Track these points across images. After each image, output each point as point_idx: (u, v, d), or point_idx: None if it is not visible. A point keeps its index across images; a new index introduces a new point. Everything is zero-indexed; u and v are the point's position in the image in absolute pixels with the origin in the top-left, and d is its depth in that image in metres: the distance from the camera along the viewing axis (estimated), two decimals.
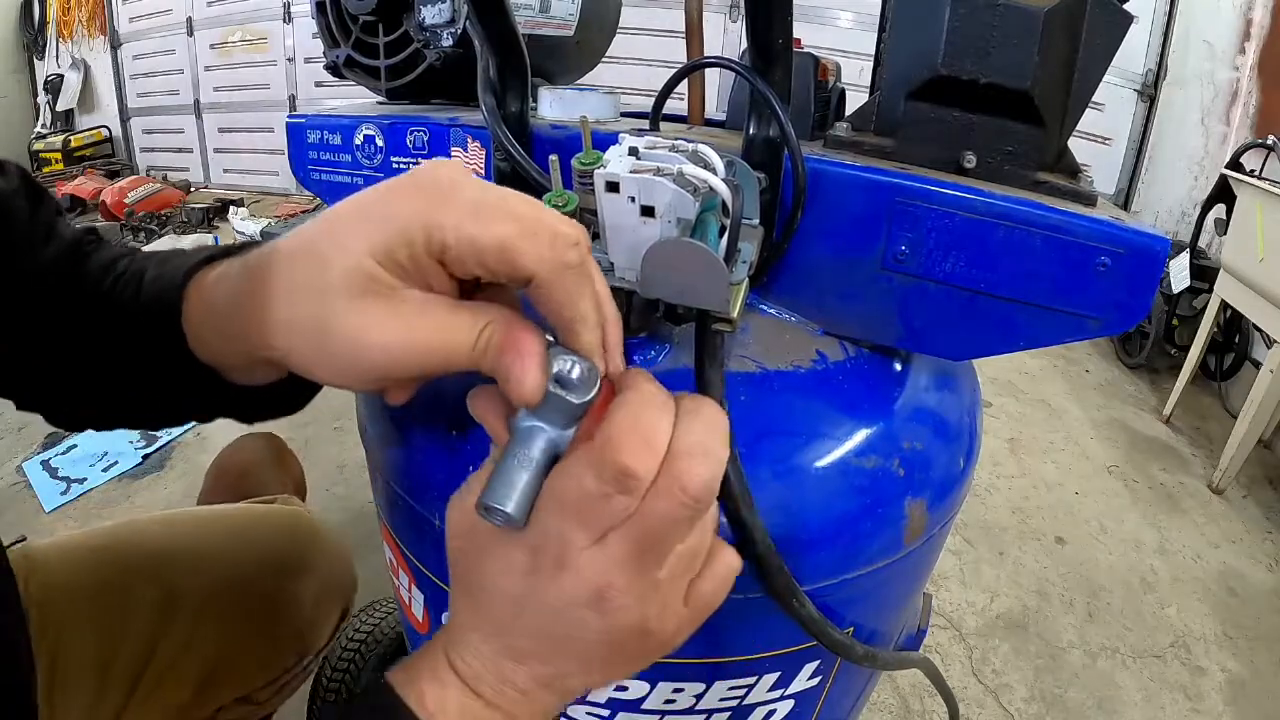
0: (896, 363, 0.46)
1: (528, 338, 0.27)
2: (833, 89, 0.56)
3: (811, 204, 0.41)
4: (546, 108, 0.52)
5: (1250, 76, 2.63)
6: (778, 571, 0.36)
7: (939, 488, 0.44)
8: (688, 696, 0.45)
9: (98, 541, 0.66)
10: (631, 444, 0.26)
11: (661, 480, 0.26)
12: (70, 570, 0.62)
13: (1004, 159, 0.41)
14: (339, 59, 0.65)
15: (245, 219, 3.15)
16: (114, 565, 0.64)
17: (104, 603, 0.61)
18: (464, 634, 0.30)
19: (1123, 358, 2.61)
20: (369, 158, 0.55)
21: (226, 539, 0.72)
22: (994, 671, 1.27)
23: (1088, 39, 0.40)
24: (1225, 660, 1.34)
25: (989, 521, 1.68)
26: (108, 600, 0.62)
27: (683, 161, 0.32)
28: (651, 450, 0.26)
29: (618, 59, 3.31)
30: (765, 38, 0.36)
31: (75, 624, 0.59)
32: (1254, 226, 1.72)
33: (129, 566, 0.64)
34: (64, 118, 4.87)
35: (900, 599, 0.51)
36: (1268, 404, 1.70)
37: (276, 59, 4.23)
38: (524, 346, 0.27)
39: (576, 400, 0.28)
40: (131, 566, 0.64)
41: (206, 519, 0.76)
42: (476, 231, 0.26)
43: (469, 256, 0.26)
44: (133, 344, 0.37)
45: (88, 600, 0.61)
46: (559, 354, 0.28)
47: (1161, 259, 0.36)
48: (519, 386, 0.27)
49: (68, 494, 1.62)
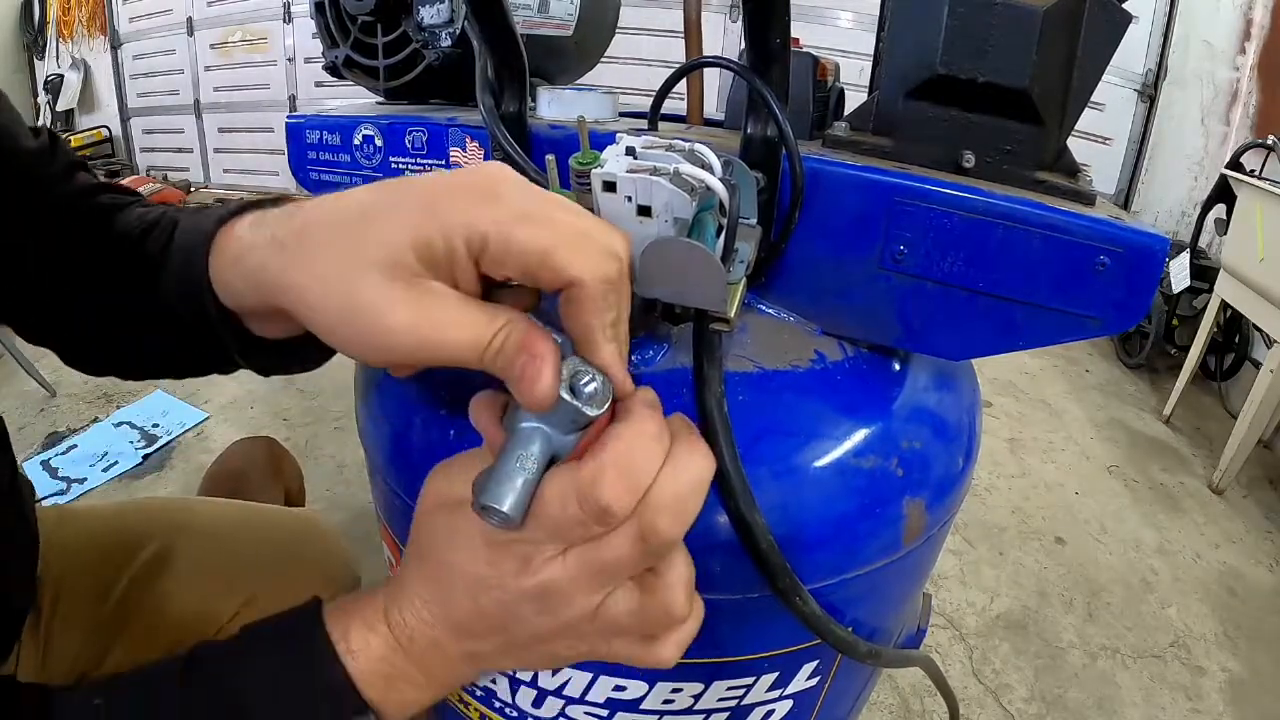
0: (895, 362, 0.46)
1: (545, 342, 0.28)
2: (832, 89, 0.56)
3: (809, 203, 0.40)
4: (545, 108, 0.52)
5: (1250, 76, 2.63)
6: (781, 570, 0.36)
7: (938, 487, 0.44)
8: (686, 696, 0.45)
9: (117, 506, 0.74)
10: (616, 486, 0.27)
11: (628, 525, 0.28)
12: (90, 521, 0.69)
13: (1003, 158, 0.41)
14: (338, 59, 0.65)
15: None
16: (124, 521, 0.71)
17: (109, 547, 0.67)
18: (408, 595, 0.32)
19: (1123, 358, 2.61)
20: (368, 158, 0.55)
21: (234, 523, 0.77)
22: (994, 671, 1.27)
23: (1087, 38, 0.40)
24: (1225, 660, 1.34)
25: (989, 521, 1.68)
26: (112, 546, 0.67)
27: (680, 161, 0.32)
28: (633, 493, 0.27)
29: (617, 59, 3.31)
30: (763, 37, 0.36)
31: (80, 566, 0.64)
32: (1254, 226, 1.71)
33: (136, 526, 0.70)
34: (64, 118, 4.87)
35: (899, 599, 0.51)
36: (1268, 404, 1.70)
37: (276, 59, 4.23)
38: (540, 349, 0.27)
39: (591, 412, 0.28)
40: (139, 525, 0.70)
41: (221, 504, 0.82)
42: (522, 237, 0.26)
43: (510, 260, 0.27)
44: (160, 290, 0.39)
45: (96, 548, 0.66)
46: (576, 364, 0.29)
47: (1161, 259, 0.36)
48: (531, 388, 0.27)
49: (68, 494, 1.62)
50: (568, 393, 0.28)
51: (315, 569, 0.76)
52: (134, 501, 0.77)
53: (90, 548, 0.66)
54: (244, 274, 0.33)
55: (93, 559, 0.65)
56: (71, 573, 0.64)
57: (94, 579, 0.65)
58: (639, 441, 0.28)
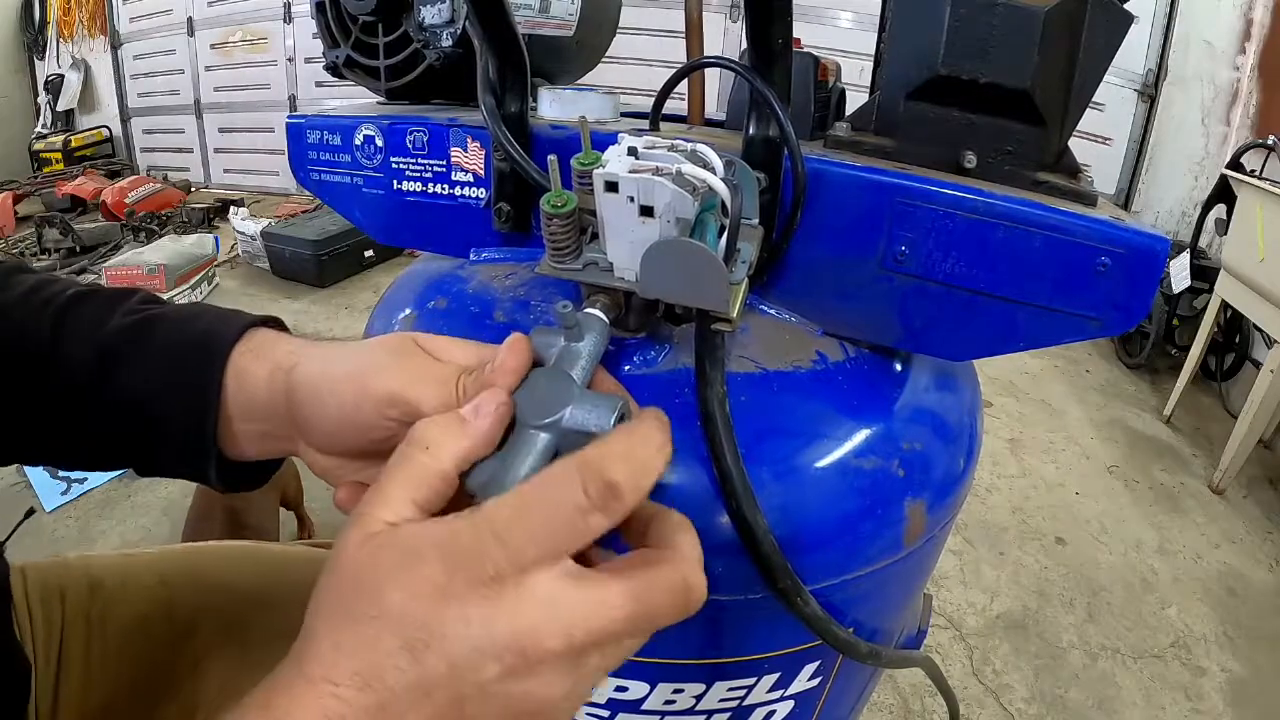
0: (896, 363, 0.46)
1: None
2: (833, 89, 0.56)
3: (811, 204, 0.40)
4: (546, 108, 0.52)
5: (1251, 76, 2.63)
6: (782, 571, 0.36)
7: (939, 488, 0.44)
8: (688, 697, 0.45)
9: (156, 568, 0.60)
10: (623, 468, 0.25)
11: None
12: (129, 597, 0.57)
13: (1004, 159, 0.41)
14: (339, 59, 0.65)
15: (245, 219, 3.14)
16: (168, 602, 0.58)
17: (148, 640, 0.56)
18: (306, 684, 0.23)
19: (1123, 358, 2.61)
20: (369, 158, 0.55)
21: (288, 584, 0.63)
22: (994, 672, 1.27)
23: (1088, 39, 0.40)
24: (1226, 660, 1.34)
25: (989, 521, 1.68)
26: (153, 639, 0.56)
27: (681, 161, 0.32)
28: (642, 476, 0.26)
29: (618, 59, 3.30)
30: (765, 37, 0.36)
31: (119, 650, 0.54)
32: (1254, 227, 1.71)
33: (184, 603, 0.58)
34: (64, 118, 4.87)
35: (900, 599, 0.51)
36: (1268, 404, 1.70)
37: (277, 59, 4.23)
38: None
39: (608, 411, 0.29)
40: (186, 604, 0.58)
41: (264, 559, 0.67)
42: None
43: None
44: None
45: (140, 632, 0.55)
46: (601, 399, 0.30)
47: (1162, 259, 0.36)
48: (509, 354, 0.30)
49: (68, 494, 1.62)
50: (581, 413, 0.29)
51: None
52: (173, 564, 0.61)
53: (138, 629, 0.55)
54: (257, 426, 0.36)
55: (140, 641, 0.55)
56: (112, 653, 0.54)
57: (135, 659, 0.54)
58: (645, 435, 0.27)
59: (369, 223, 0.58)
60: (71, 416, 0.37)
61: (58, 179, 4.13)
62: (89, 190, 3.87)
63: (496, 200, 0.50)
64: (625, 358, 0.41)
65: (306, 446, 0.36)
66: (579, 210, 0.34)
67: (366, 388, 0.32)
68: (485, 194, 0.51)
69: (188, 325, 0.38)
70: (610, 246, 0.34)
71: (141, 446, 0.38)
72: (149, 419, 0.36)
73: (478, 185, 0.51)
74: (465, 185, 0.52)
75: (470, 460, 0.28)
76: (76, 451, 0.39)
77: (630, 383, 0.37)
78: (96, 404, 0.37)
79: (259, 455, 0.38)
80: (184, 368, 0.36)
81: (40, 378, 0.37)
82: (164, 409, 0.36)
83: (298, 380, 0.34)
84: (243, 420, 0.36)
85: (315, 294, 2.90)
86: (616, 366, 0.41)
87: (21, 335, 0.37)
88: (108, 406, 0.37)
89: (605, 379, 0.34)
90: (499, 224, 0.50)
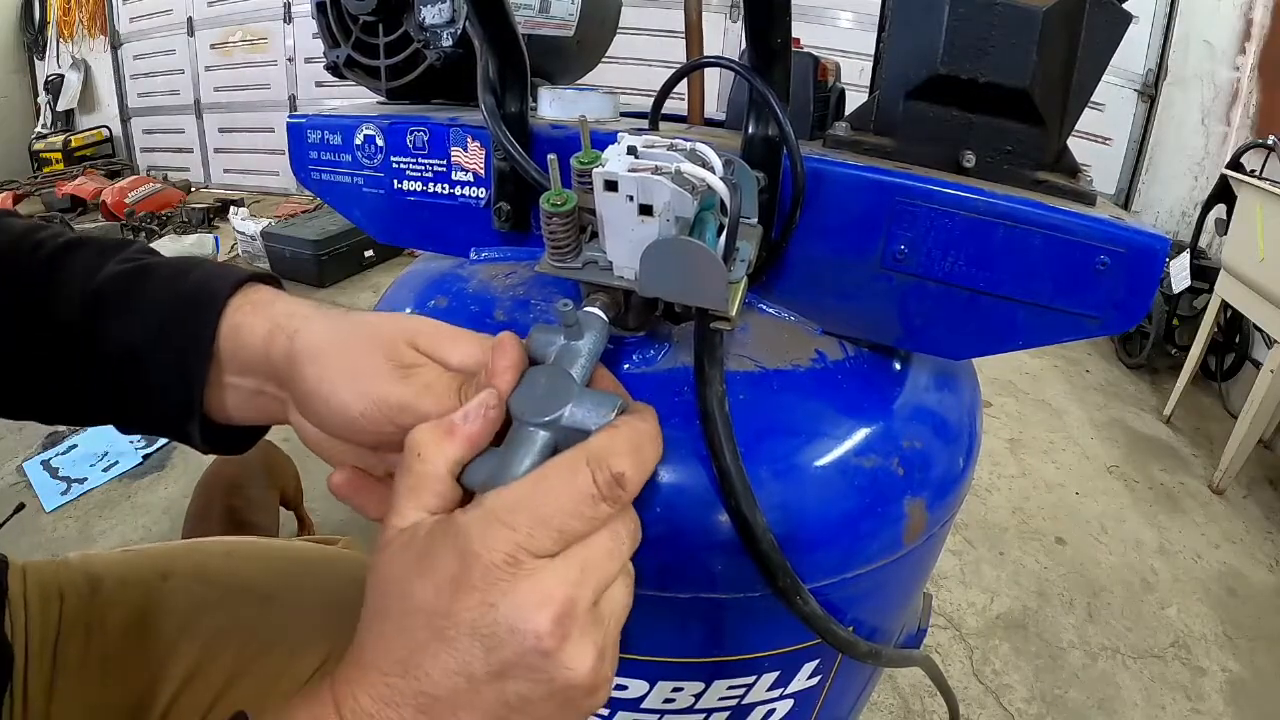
0: (896, 362, 0.46)
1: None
2: (832, 89, 0.56)
3: (810, 203, 0.41)
4: (546, 107, 0.52)
5: (1250, 76, 2.63)
6: (781, 569, 0.36)
7: (938, 487, 0.44)
8: (687, 696, 0.45)
9: (158, 565, 0.59)
10: (628, 458, 0.27)
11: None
12: (130, 594, 0.56)
13: (1003, 158, 0.41)
14: (339, 59, 0.65)
15: (245, 219, 3.15)
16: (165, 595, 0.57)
17: (147, 637, 0.55)
18: (367, 672, 0.26)
19: (1123, 358, 2.61)
20: (369, 158, 0.55)
21: (290, 578, 0.63)
22: (994, 671, 1.27)
23: (1087, 38, 0.40)
24: (1226, 660, 1.34)
25: (989, 521, 1.68)
26: (151, 636, 0.55)
27: (681, 160, 0.32)
28: (643, 469, 0.28)
29: (618, 59, 3.31)
30: (765, 37, 0.36)
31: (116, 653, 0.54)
32: (1254, 227, 1.71)
33: (178, 605, 0.57)
34: (64, 118, 4.87)
35: (900, 598, 0.51)
36: (1268, 404, 1.70)
37: (277, 59, 4.23)
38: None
39: (606, 408, 0.29)
40: (181, 604, 0.57)
41: (268, 554, 0.66)
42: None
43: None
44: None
45: (139, 631, 0.55)
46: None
47: (1161, 259, 0.36)
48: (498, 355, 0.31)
49: (68, 494, 1.62)
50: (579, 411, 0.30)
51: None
52: (173, 560, 0.60)
53: (135, 627, 0.54)
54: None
55: (136, 640, 0.54)
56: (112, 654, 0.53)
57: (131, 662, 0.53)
58: (647, 430, 0.29)
59: (369, 222, 0.58)
60: (60, 363, 0.37)
61: (58, 179, 4.14)
62: (89, 190, 3.87)
63: (496, 200, 0.50)
64: (625, 356, 0.42)
65: (299, 418, 0.35)
66: (579, 209, 0.34)
67: (378, 397, 0.32)
68: (485, 193, 0.51)
69: (182, 276, 0.37)
70: (610, 245, 0.34)
71: (129, 397, 0.37)
72: (139, 367, 0.36)
73: (478, 185, 0.51)
74: (465, 185, 0.52)
75: (462, 463, 0.29)
76: (62, 401, 0.38)
77: (629, 381, 0.37)
78: (87, 352, 0.36)
79: (247, 418, 0.37)
80: (177, 317, 0.35)
81: (30, 323, 0.36)
82: (155, 358, 0.35)
83: (300, 351, 0.33)
84: (236, 373, 0.35)
85: (315, 294, 2.90)
86: (616, 365, 0.41)
87: (12, 281, 0.36)
88: (98, 355, 0.36)
89: (605, 377, 0.34)
90: (499, 223, 0.50)
